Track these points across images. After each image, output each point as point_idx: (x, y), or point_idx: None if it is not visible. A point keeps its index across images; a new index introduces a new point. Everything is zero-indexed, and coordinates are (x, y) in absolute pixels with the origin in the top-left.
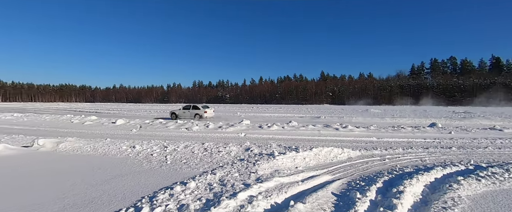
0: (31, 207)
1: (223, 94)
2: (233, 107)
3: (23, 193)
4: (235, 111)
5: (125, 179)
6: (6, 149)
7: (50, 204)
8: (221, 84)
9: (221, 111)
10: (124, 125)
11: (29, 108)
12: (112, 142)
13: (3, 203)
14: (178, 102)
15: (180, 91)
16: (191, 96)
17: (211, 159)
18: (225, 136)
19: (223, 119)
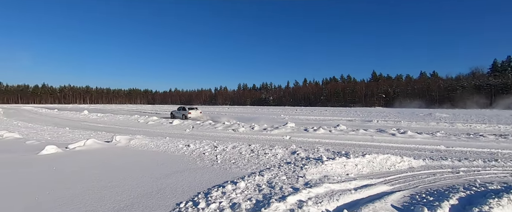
0: (116, 190)
1: (267, 96)
2: (276, 110)
3: (108, 179)
4: (278, 113)
5: (183, 175)
6: (94, 143)
7: (129, 191)
8: (265, 87)
9: (265, 113)
10: (179, 125)
11: (107, 109)
12: (171, 140)
13: (98, 184)
14: (224, 104)
15: (226, 94)
16: (236, 99)
17: (258, 161)
18: (270, 138)
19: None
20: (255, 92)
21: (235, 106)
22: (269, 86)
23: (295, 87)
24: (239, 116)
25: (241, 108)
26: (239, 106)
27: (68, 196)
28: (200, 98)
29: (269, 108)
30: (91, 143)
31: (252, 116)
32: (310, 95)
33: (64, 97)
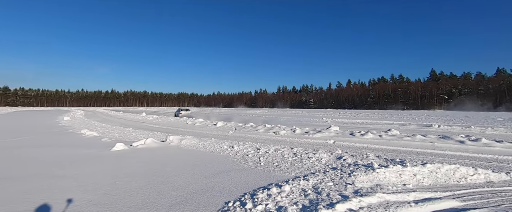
0: (172, 185)
1: (307, 98)
2: (317, 112)
3: (165, 175)
4: (319, 116)
5: (229, 175)
6: (152, 142)
7: (183, 187)
8: (305, 89)
9: (305, 116)
10: (223, 127)
11: (161, 111)
12: (216, 141)
13: (157, 179)
14: (264, 106)
15: (266, 96)
16: (275, 101)
17: (301, 165)
18: (313, 142)
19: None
20: (295, 94)
21: (274, 108)
22: (310, 88)
23: (338, 88)
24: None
25: (280, 110)
26: (278, 108)
27: (135, 187)
28: (240, 100)
29: (309, 111)
30: (150, 142)
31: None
32: (355, 97)
33: (127, 100)
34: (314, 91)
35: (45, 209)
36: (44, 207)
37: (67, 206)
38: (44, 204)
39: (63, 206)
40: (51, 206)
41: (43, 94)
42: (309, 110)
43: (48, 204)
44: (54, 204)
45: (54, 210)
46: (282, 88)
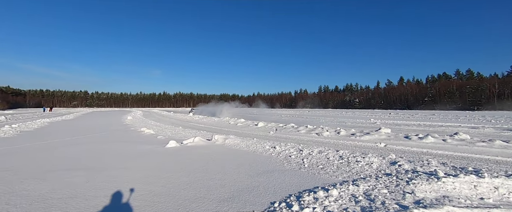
0: (219, 182)
1: (351, 98)
2: (364, 113)
3: (212, 172)
4: (366, 117)
5: (272, 175)
6: (200, 140)
7: (229, 185)
8: (349, 88)
9: (350, 117)
10: (264, 127)
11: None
12: (258, 141)
13: (205, 175)
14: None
15: (306, 97)
16: (316, 102)
17: (349, 169)
18: (360, 144)
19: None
20: (338, 94)
21: (315, 109)
22: (355, 87)
23: (388, 87)
24: (307, 120)
25: (322, 111)
26: (319, 109)
27: (186, 182)
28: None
29: (354, 111)
30: (197, 140)
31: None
32: (409, 96)
33: (176, 101)
34: (359, 90)
35: (118, 195)
36: (117, 194)
37: (134, 194)
38: (117, 191)
39: (132, 194)
40: (123, 194)
41: (111, 96)
42: (353, 111)
43: (120, 191)
44: (124, 192)
45: (125, 197)
46: (324, 88)
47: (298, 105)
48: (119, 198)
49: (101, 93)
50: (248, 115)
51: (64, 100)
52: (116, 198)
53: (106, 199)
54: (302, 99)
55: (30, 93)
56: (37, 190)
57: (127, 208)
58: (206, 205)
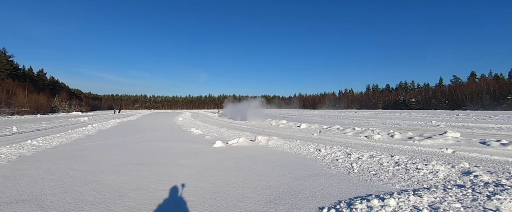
0: (265, 183)
1: (406, 98)
2: (422, 114)
3: (258, 172)
4: (425, 118)
5: (319, 179)
6: (244, 141)
7: (275, 186)
8: (403, 86)
9: (405, 118)
10: (307, 129)
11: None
12: (301, 143)
13: (251, 176)
14: (350, 108)
15: (352, 96)
16: (364, 102)
17: (408, 177)
18: (420, 150)
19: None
20: (389, 93)
21: (362, 109)
22: (410, 85)
23: (455, 84)
24: (354, 122)
25: (371, 112)
26: (367, 110)
27: (234, 181)
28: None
29: (410, 112)
30: (242, 141)
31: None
32: (484, 94)
33: (220, 103)
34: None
35: (175, 189)
36: (174, 188)
37: (187, 189)
38: (174, 185)
39: (185, 189)
40: (178, 189)
41: (165, 99)
42: (409, 112)
43: (176, 186)
44: (179, 187)
45: (180, 192)
46: (372, 87)
47: (343, 105)
48: (175, 192)
49: (157, 97)
50: (289, 116)
51: (129, 103)
52: (173, 192)
53: (165, 193)
54: (347, 99)
55: (104, 97)
56: (113, 180)
57: (182, 202)
58: (254, 205)
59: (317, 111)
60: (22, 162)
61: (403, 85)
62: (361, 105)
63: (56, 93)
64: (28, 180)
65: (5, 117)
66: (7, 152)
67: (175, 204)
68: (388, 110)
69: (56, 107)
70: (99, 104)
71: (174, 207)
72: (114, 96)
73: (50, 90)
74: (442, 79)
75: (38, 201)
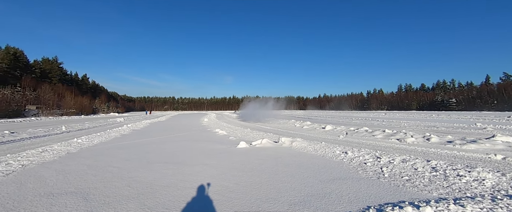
0: (289, 185)
1: (445, 98)
2: (465, 116)
3: (282, 173)
4: (468, 120)
5: (346, 183)
6: (267, 142)
7: (299, 189)
8: (441, 86)
9: (443, 121)
10: (332, 131)
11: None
12: (326, 145)
13: (275, 177)
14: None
15: (382, 97)
16: (395, 102)
17: (447, 184)
18: (462, 155)
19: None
20: (425, 93)
21: (393, 111)
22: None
23: (505, 82)
24: (384, 123)
25: (403, 113)
26: (399, 111)
27: (257, 182)
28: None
29: (450, 114)
30: (265, 142)
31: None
32: None
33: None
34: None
35: (201, 188)
36: (200, 187)
37: (212, 188)
38: (200, 184)
39: (210, 188)
40: (204, 187)
41: (192, 101)
42: (449, 113)
43: (202, 185)
44: (205, 185)
45: (205, 190)
46: (405, 87)
47: (372, 106)
48: (202, 191)
49: (184, 98)
50: (314, 117)
51: (158, 105)
52: (200, 190)
53: (192, 190)
54: (377, 100)
55: (137, 99)
56: (145, 177)
57: (208, 200)
58: (278, 206)
59: (343, 113)
60: (69, 158)
61: (441, 84)
62: (392, 106)
63: (97, 96)
64: (75, 175)
65: (56, 117)
66: (58, 148)
67: (201, 202)
68: (423, 111)
69: (96, 109)
70: (132, 106)
71: (201, 204)
72: (146, 98)
73: (92, 93)
74: (489, 77)
75: (83, 193)
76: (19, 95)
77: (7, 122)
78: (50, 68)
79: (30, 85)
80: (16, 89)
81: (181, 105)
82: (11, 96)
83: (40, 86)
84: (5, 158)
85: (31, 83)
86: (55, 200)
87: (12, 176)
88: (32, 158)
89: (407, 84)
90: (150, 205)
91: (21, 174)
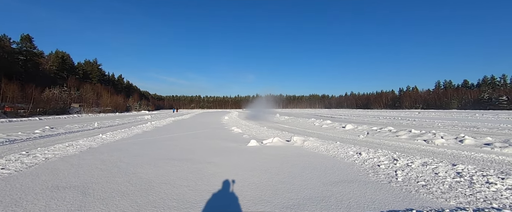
0: (288, 187)
1: (494, 96)
2: None
3: (283, 174)
4: None
5: (351, 186)
6: (278, 141)
7: (297, 191)
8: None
9: (487, 121)
10: (353, 130)
11: (293, 113)
12: (341, 145)
13: (276, 177)
14: (413, 107)
15: (416, 95)
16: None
17: (471, 192)
18: (500, 160)
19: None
20: (468, 91)
21: (429, 110)
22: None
23: None
24: (414, 123)
25: (441, 112)
26: (437, 110)
27: (256, 182)
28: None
29: (498, 114)
30: (276, 141)
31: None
32: None
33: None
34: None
35: (195, 187)
36: (195, 186)
37: (205, 188)
38: (196, 183)
39: (204, 187)
40: (198, 187)
41: (216, 99)
42: (497, 113)
43: (198, 184)
44: (201, 185)
45: (197, 190)
46: (444, 83)
47: (404, 105)
48: (193, 190)
49: (210, 97)
50: (337, 116)
51: (186, 103)
52: (192, 189)
53: (186, 189)
54: (410, 98)
55: (166, 98)
56: (148, 174)
57: (195, 200)
58: (268, 209)
59: (371, 111)
60: (88, 153)
61: (489, 80)
62: (428, 105)
63: (130, 95)
64: (86, 169)
65: (94, 114)
66: (82, 143)
67: (188, 202)
68: (466, 110)
69: (130, 107)
70: (162, 104)
71: (187, 205)
72: (174, 96)
73: (126, 92)
74: None
75: (84, 188)
76: (65, 94)
77: (53, 119)
78: (91, 69)
79: (74, 85)
80: (63, 89)
81: (206, 104)
82: (59, 95)
83: (82, 86)
84: (34, 151)
85: (75, 83)
86: (57, 193)
87: (33, 169)
88: (57, 152)
89: (446, 81)
90: (140, 203)
91: (42, 166)
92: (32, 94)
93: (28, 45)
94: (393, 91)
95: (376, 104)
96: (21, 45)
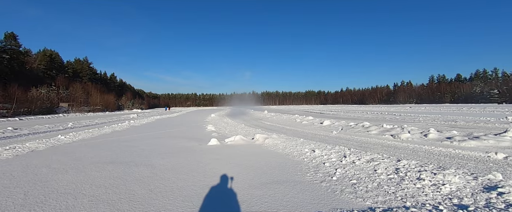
0: (212, 190)
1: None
2: (503, 108)
3: (219, 174)
4: (504, 114)
5: (278, 188)
6: (240, 139)
7: (214, 196)
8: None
9: (470, 114)
10: (329, 126)
11: (284, 109)
12: (302, 142)
13: (208, 180)
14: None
15: (410, 90)
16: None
17: (395, 189)
18: (454, 153)
19: None
20: (460, 84)
21: (422, 104)
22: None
23: None
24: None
25: (432, 106)
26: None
27: (180, 186)
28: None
29: (485, 107)
30: (238, 139)
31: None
32: None
33: (263, 100)
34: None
35: (105, 193)
36: (107, 192)
37: (116, 197)
38: (112, 190)
39: (115, 195)
40: (109, 193)
41: (212, 97)
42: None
43: (113, 191)
44: (116, 191)
45: (107, 196)
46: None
47: (398, 100)
48: (101, 197)
49: (206, 95)
50: (326, 113)
51: (182, 101)
52: (100, 195)
53: (101, 193)
54: (404, 93)
55: (162, 96)
56: (61, 181)
57: (94, 207)
58: None
59: (364, 107)
60: (24, 157)
61: (481, 73)
62: (422, 99)
63: (123, 93)
64: (3, 176)
65: (83, 113)
66: (29, 146)
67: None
68: (458, 104)
69: (122, 105)
70: (157, 102)
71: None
72: (170, 95)
73: (118, 91)
74: None
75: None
76: (53, 94)
77: (36, 119)
78: (81, 68)
79: (63, 84)
80: (51, 88)
81: (202, 101)
82: (46, 94)
83: (72, 84)
84: None
85: (64, 82)
86: None
87: None
88: None
89: (440, 75)
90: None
91: None
92: (15, 94)
93: (12, 43)
94: (388, 86)
95: (371, 100)
96: (5, 44)
